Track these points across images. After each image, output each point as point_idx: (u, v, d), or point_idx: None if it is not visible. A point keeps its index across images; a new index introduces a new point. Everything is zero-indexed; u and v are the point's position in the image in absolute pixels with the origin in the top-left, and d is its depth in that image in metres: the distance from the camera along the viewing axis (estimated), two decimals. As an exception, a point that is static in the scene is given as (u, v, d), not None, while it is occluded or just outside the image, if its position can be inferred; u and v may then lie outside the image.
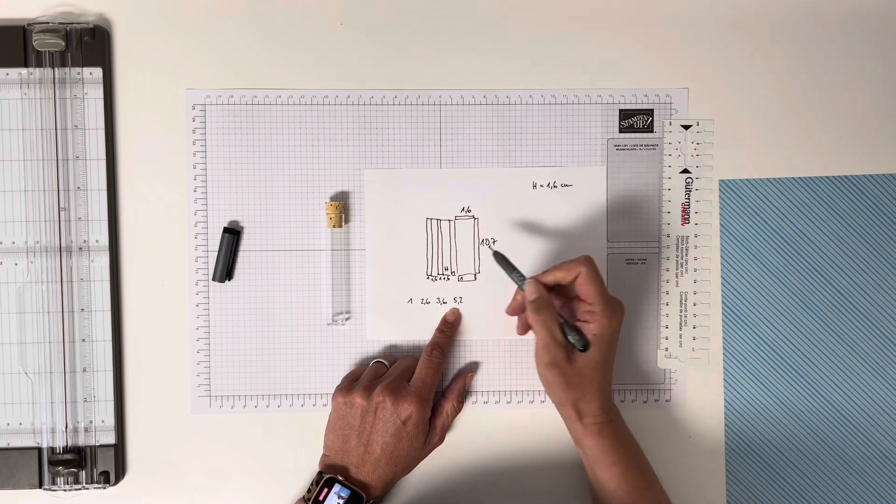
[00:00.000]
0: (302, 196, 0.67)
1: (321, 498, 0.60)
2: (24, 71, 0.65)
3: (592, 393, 0.61)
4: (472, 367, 0.68)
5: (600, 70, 0.68)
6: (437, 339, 0.66)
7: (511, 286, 0.65)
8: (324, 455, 0.64)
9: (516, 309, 0.65)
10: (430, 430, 0.64)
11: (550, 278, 0.62)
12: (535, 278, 0.62)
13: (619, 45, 0.68)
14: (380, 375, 0.64)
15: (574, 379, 0.60)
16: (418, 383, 0.63)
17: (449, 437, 0.67)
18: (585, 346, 0.60)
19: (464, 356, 0.68)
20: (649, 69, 0.68)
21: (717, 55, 0.68)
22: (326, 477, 0.61)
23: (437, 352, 0.65)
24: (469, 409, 0.68)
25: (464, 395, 0.67)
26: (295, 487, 0.67)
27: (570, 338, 0.60)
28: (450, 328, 0.67)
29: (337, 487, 0.60)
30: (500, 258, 0.64)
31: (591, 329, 0.60)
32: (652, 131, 0.68)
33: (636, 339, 0.68)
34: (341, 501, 0.60)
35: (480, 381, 0.68)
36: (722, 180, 0.68)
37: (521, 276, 0.63)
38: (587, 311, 0.61)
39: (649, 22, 0.68)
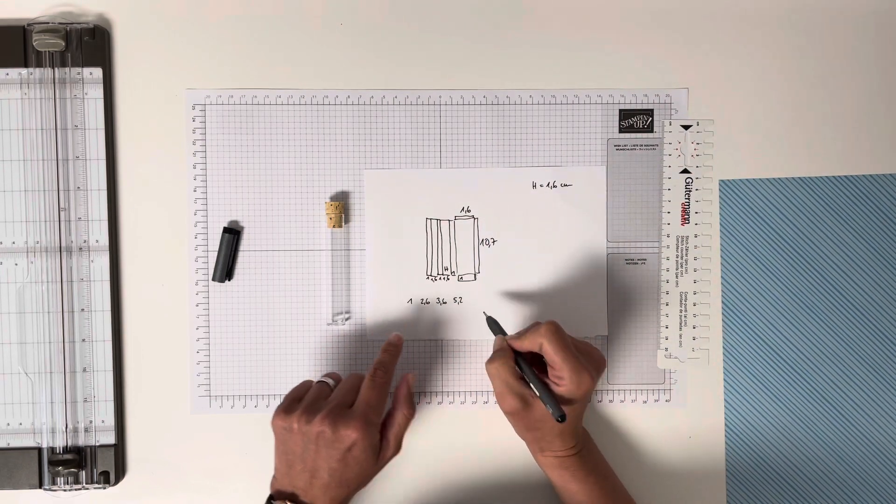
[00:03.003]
0: (302, 196, 0.67)
1: None
2: (24, 71, 0.65)
3: (552, 436, 0.61)
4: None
5: (600, 70, 0.68)
6: (381, 358, 0.64)
7: (513, 289, 0.65)
8: (273, 478, 0.62)
9: None
10: (384, 443, 0.62)
11: (518, 344, 0.61)
12: (505, 339, 0.62)
13: (619, 45, 0.68)
14: (323, 396, 0.62)
15: (534, 424, 0.60)
16: (363, 405, 0.60)
17: (450, 437, 0.67)
18: (562, 418, 0.58)
19: (464, 356, 0.68)
20: (649, 69, 0.68)
21: (717, 55, 0.68)
22: (274, 503, 0.60)
23: (381, 371, 0.62)
24: (469, 408, 0.68)
25: (412, 399, 0.64)
26: (295, 487, 0.67)
27: (547, 406, 0.59)
28: (394, 349, 0.65)
29: None
30: (493, 322, 0.65)
31: (559, 391, 0.59)
32: (652, 131, 0.68)
33: (636, 339, 0.68)
34: None
35: (481, 381, 0.68)
36: (722, 180, 0.68)
37: (505, 335, 0.64)
38: (555, 376, 0.60)
39: (649, 22, 0.68)
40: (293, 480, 0.60)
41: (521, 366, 0.61)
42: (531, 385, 0.60)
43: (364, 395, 0.61)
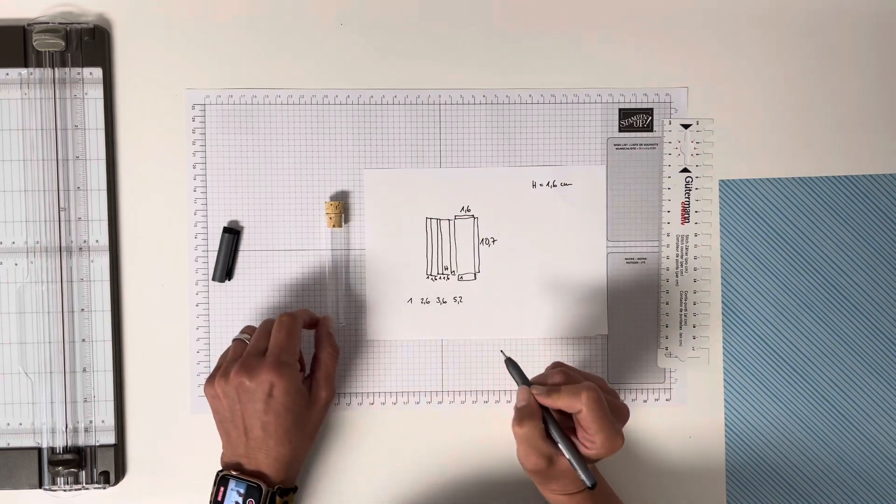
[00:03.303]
0: (302, 196, 0.67)
1: (219, 499, 0.58)
2: (24, 71, 0.65)
3: (567, 482, 0.58)
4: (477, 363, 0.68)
5: (600, 70, 0.68)
6: (293, 311, 0.63)
7: (513, 289, 0.65)
8: (222, 453, 0.62)
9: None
10: (315, 386, 0.62)
11: (550, 403, 0.56)
12: (531, 391, 0.57)
13: (619, 44, 0.68)
14: (241, 353, 0.61)
15: (554, 476, 0.58)
16: (274, 349, 0.60)
17: (450, 436, 0.67)
18: (594, 485, 0.56)
19: (464, 356, 0.68)
20: (649, 69, 0.68)
21: (716, 55, 0.68)
22: (221, 475, 0.59)
23: (286, 316, 0.62)
24: (469, 407, 0.68)
25: (332, 337, 0.64)
26: (295, 487, 0.67)
27: (578, 472, 0.56)
28: (307, 311, 0.65)
29: (232, 483, 0.58)
30: (512, 365, 0.60)
31: (587, 452, 0.56)
32: (652, 130, 0.68)
33: (636, 338, 0.68)
34: (240, 497, 0.58)
35: (481, 381, 0.68)
36: (722, 180, 0.68)
37: (528, 383, 0.59)
38: (587, 439, 0.56)
39: (649, 22, 0.68)
40: (234, 449, 0.60)
41: (547, 424, 0.57)
42: (561, 447, 0.57)
43: (273, 339, 0.60)
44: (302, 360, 0.63)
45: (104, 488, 0.66)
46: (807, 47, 0.68)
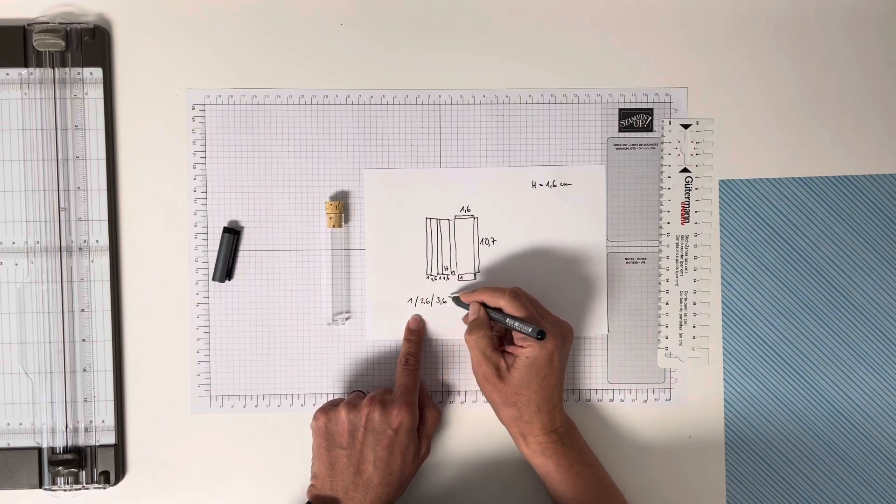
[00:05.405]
0: (302, 196, 0.67)
1: None
2: (24, 71, 0.65)
3: (530, 414, 0.61)
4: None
5: (600, 70, 0.68)
6: (407, 349, 0.66)
7: (510, 284, 0.66)
8: (311, 485, 0.62)
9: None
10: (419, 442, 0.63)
11: (477, 297, 0.64)
12: (476, 302, 0.64)
13: (619, 44, 0.68)
14: (361, 398, 0.63)
15: (510, 397, 0.61)
16: (401, 390, 0.62)
17: (450, 435, 0.67)
18: (542, 334, 0.59)
19: (464, 355, 0.68)
20: (649, 69, 0.68)
21: (717, 55, 0.68)
22: None
23: (412, 359, 0.65)
24: (470, 407, 0.68)
25: (433, 401, 0.67)
26: (295, 488, 0.67)
27: (526, 330, 0.60)
28: (416, 336, 0.67)
29: None
30: (457, 300, 0.67)
31: (523, 352, 0.60)
32: (651, 130, 0.68)
33: (636, 338, 0.68)
34: None
35: (480, 381, 0.68)
36: (722, 180, 0.68)
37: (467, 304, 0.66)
38: (520, 337, 0.61)
39: (649, 22, 0.68)
40: (335, 482, 0.60)
41: (493, 318, 0.63)
42: (507, 322, 0.61)
43: (401, 382, 0.63)
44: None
45: (104, 488, 0.66)
46: (806, 48, 0.68)
